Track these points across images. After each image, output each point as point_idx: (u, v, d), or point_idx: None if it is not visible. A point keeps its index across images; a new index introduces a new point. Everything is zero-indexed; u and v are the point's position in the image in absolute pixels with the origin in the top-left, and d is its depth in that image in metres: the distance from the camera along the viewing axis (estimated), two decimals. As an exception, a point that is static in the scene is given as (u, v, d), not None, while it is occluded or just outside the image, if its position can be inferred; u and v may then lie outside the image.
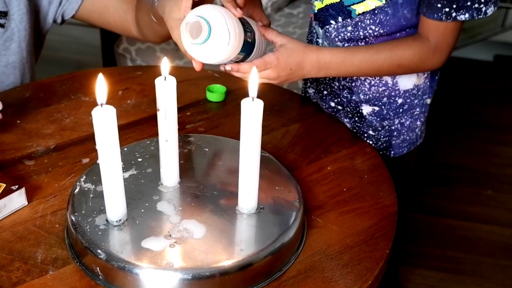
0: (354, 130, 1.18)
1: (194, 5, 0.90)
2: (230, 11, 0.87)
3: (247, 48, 0.93)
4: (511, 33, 2.87)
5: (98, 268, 0.78)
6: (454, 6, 0.96)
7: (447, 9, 0.97)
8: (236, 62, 0.94)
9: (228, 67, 0.95)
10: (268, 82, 0.98)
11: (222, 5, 0.89)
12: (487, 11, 0.97)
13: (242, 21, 0.91)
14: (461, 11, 0.96)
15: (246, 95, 0.77)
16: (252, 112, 0.76)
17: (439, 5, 0.97)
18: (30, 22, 1.22)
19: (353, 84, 1.14)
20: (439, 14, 0.98)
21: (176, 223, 0.82)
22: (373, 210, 0.94)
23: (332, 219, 0.91)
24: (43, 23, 1.27)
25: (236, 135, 0.82)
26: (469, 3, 0.96)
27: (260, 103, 0.76)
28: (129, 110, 1.17)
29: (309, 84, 1.28)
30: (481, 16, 0.97)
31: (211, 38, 0.84)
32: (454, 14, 0.97)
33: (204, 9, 0.86)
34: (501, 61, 3.11)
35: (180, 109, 1.13)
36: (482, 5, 0.96)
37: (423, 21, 1.01)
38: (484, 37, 2.85)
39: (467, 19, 0.97)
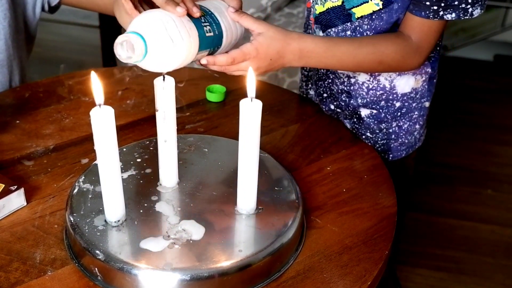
0: (354, 131, 1.18)
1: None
2: (171, 12, 0.80)
3: (211, 43, 0.86)
4: (511, 33, 2.87)
5: (96, 268, 0.78)
6: (443, 4, 0.95)
7: (435, 7, 0.96)
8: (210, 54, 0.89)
9: (203, 61, 0.88)
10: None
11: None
12: (473, 13, 0.97)
13: (204, 9, 0.85)
14: (449, 10, 0.96)
15: (246, 95, 0.76)
16: (251, 113, 0.76)
17: (427, 3, 0.96)
18: (16, 17, 1.20)
19: (351, 88, 1.13)
20: (427, 12, 0.97)
21: (174, 224, 0.82)
22: (373, 210, 0.93)
23: (331, 219, 0.91)
24: (31, 15, 1.25)
25: (236, 136, 0.82)
26: (456, 3, 0.95)
27: (259, 104, 0.76)
28: (129, 110, 1.17)
29: (310, 85, 1.27)
30: (467, 17, 0.97)
31: (149, 52, 0.77)
32: (441, 13, 0.97)
33: (139, 21, 0.79)
34: (501, 61, 3.11)
35: (179, 109, 1.13)
36: (469, 6, 0.96)
37: (408, 19, 1.00)
38: (484, 37, 2.85)
39: (453, 18, 0.97)
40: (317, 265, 0.83)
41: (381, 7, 1.01)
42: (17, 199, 0.89)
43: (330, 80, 1.17)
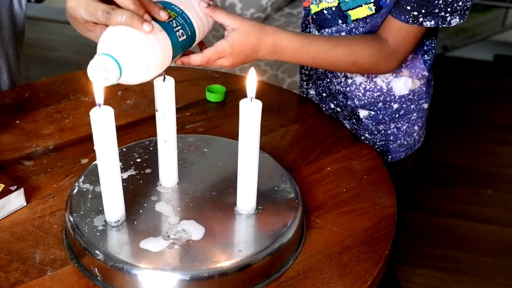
0: (353, 132, 1.18)
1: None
2: (139, 30, 0.76)
3: (185, 46, 0.85)
4: (511, 33, 2.88)
5: (96, 269, 0.78)
6: (423, 11, 0.95)
7: (415, 13, 0.96)
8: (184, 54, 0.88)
9: (178, 62, 0.88)
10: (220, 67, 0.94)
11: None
12: (451, 22, 0.97)
13: (175, 9, 0.83)
14: (428, 17, 0.96)
15: (245, 95, 0.76)
16: (250, 113, 0.76)
17: (408, 8, 0.96)
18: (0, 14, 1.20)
19: (347, 89, 1.13)
20: (407, 17, 0.97)
21: (174, 224, 0.82)
22: (372, 211, 0.93)
23: (331, 220, 0.91)
24: (17, 8, 1.24)
25: (235, 136, 0.82)
26: (436, 10, 0.95)
27: (258, 104, 0.76)
28: (129, 110, 1.17)
29: (310, 85, 1.27)
30: (445, 26, 0.97)
31: (124, 72, 0.74)
32: (421, 20, 0.96)
33: (109, 40, 0.76)
34: (501, 61, 3.11)
35: (179, 109, 1.13)
36: (448, 14, 0.96)
37: (388, 22, 1.00)
38: (484, 37, 2.86)
39: (432, 26, 0.97)
40: (317, 265, 0.83)
41: (373, 11, 1.01)
42: (17, 199, 0.89)
43: (328, 80, 1.17)
